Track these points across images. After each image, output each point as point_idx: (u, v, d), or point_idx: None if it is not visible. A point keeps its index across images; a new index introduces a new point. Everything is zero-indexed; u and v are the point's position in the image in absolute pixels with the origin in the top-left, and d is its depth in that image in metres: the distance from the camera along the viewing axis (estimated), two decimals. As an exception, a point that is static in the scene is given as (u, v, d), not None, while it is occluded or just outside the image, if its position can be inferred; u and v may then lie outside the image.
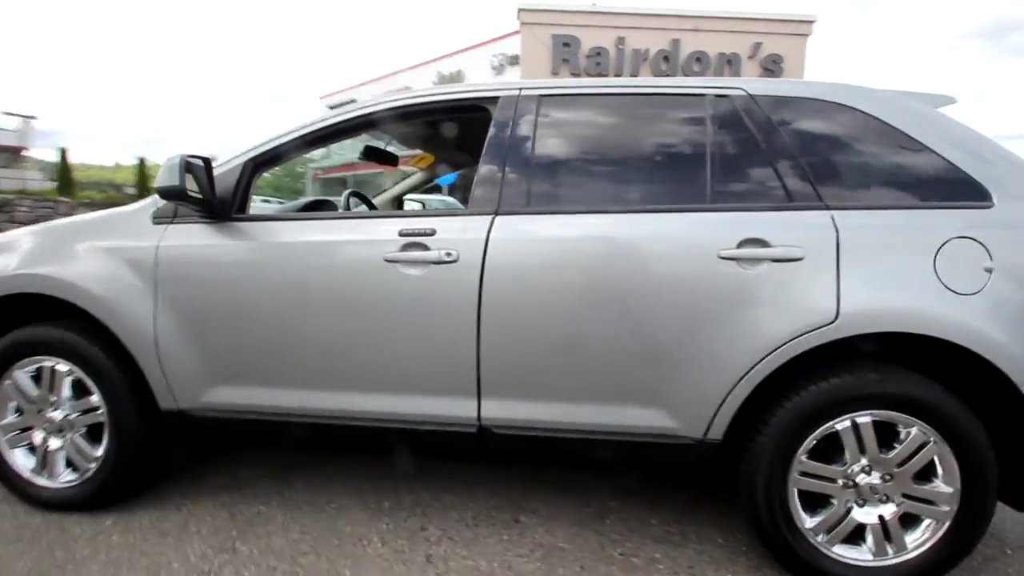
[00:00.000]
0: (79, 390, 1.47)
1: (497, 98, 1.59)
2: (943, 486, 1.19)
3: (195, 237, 1.47)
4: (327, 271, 1.44)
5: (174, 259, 1.46)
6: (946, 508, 1.19)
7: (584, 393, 1.33)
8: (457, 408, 1.37)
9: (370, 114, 1.64)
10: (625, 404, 1.32)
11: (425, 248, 1.39)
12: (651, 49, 8.86)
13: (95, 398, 1.45)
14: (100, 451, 1.45)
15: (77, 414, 1.47)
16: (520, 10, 8.89)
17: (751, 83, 1.49)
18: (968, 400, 1.20)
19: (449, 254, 1.37)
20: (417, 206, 3.46)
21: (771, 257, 1.24)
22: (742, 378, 1.22)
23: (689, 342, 1.27)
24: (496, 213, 1.43)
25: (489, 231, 1.39)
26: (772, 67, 9.34)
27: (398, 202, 3.23)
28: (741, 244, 1.24)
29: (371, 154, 2.44)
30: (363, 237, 1.48)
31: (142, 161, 10.94)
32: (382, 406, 1.40)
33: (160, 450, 1.54)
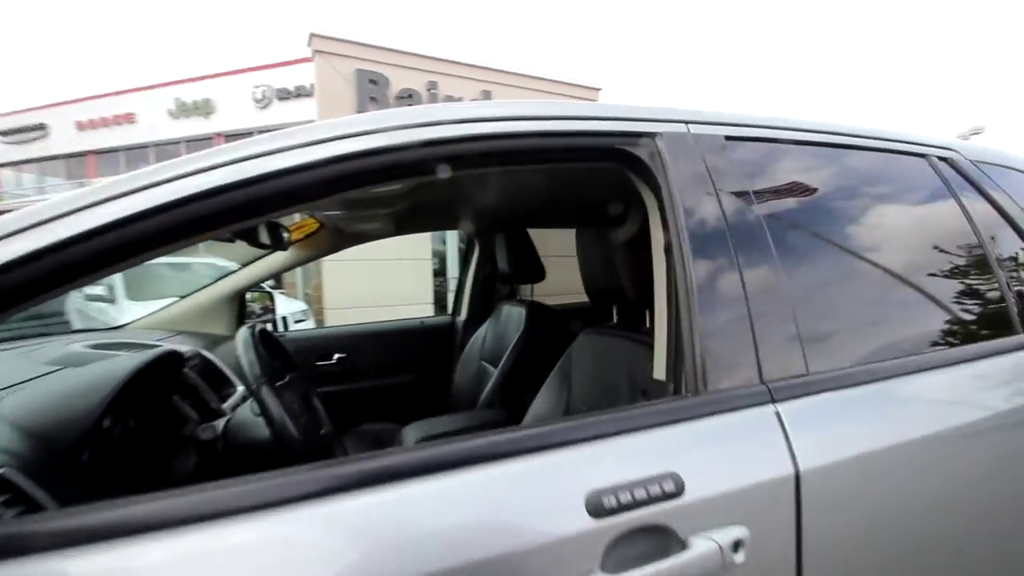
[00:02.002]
0: None
1: (654, 135, 0.89)
2: None
3: None
4: None
5: None
6: None
7: None
8: None
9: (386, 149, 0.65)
10: None
11: (674, 540, 0.58)
12: (464, 97, 8.70)
13: None
14: None
15: None
16: (313, 36, 7.71)
17: (958, 144, 1.20)
18: None
19: (739, 544, 0.59)
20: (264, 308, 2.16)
21: None
22: None
23: None
24: (773, 399, 0.74)
25: (796, 468, 0.67)
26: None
27: (239, 301, 1.94)
28: None
29: (251, 231, 1.25)
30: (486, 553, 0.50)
31: None
32: None
33: None
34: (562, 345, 1.55)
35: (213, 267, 6.60)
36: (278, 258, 2.03)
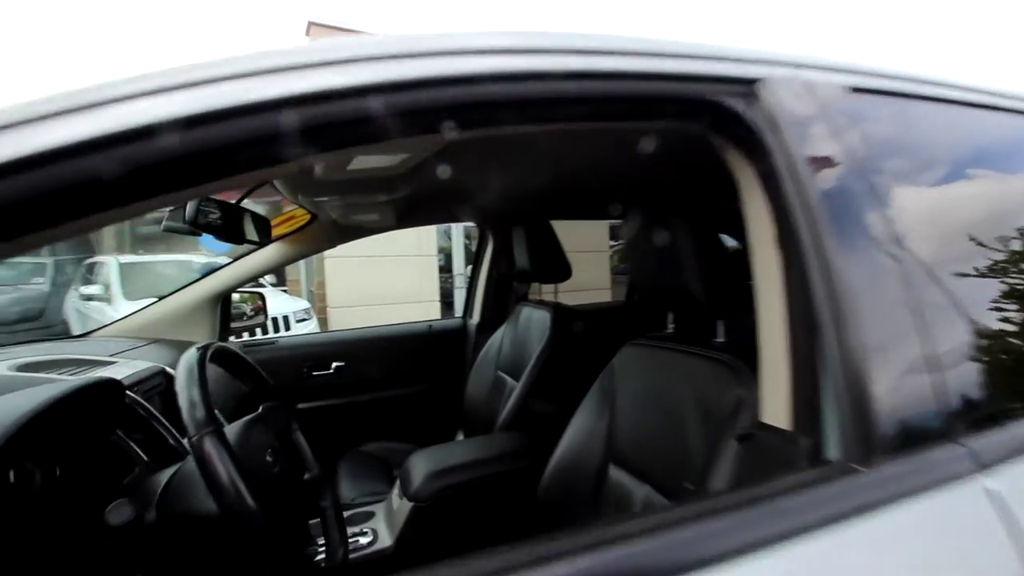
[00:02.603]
0: None
1: (753, 81, 0.63)
2: None
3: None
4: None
5: None
6: None
7: None
8: None
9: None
10: None
11: None
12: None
13: None
14: None
15: None
16: (311, 25, 7.48)
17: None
18: None
19: None
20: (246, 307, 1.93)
21: None
22: None
23: None
24: (978, 466, 0.49)
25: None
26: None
27: (224, 303, 1.71)
28: None
29: (227, 221, 1.01)
30: None
31: None
32: None
33: None
34: (597, 357, 1.31)
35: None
36: (267, 254, 1.79)
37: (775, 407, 0.60)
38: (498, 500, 1.26)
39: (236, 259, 1.77)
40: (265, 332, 3.94)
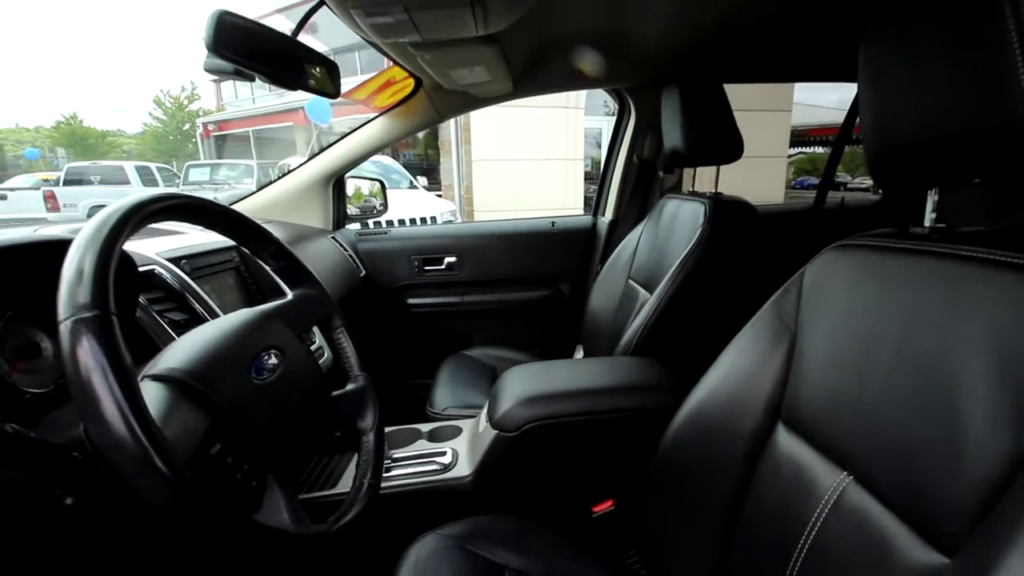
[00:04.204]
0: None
1: None
2: None
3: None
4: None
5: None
6: None
7: None
8: None
9: None
10: None
11: None
12: None
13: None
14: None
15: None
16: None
17: None
18: None
19: None
20: (368, 196, 1.78)
21: None
22: None
23: None
24: None
25: None
26: None
27: (336, 187, 1.57)
28: None
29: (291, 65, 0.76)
30: None
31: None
32: None
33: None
34: (770, 269, 0.88)
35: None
36: (373, 131, 1.58)
37: None
38: (605, 446, 0.95)
39: (340, 139, 1.61)
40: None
